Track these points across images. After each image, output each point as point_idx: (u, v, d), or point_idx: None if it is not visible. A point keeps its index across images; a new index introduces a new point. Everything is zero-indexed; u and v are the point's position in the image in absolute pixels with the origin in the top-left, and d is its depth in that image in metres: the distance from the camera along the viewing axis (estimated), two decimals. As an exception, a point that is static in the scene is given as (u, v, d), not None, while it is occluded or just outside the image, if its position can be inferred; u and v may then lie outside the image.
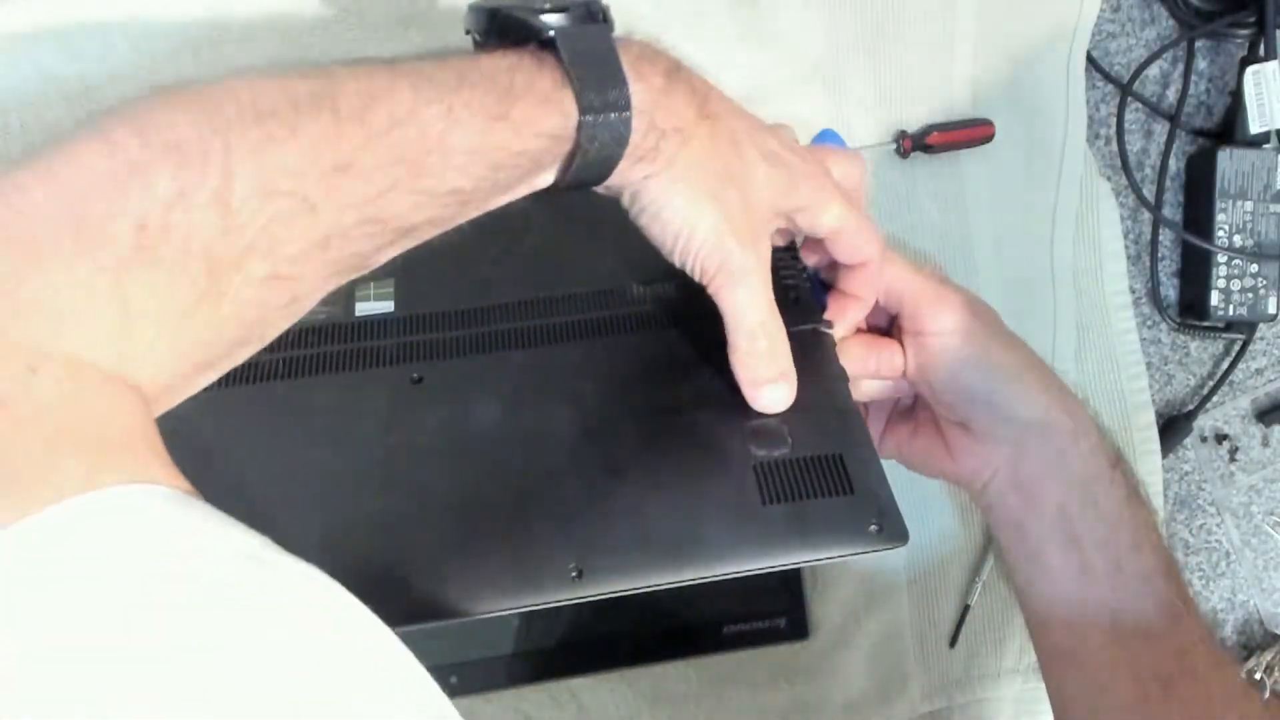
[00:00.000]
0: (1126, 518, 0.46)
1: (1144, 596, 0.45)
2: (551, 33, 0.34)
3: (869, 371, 0.48)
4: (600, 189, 0.38)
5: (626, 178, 0.37)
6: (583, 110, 0.34)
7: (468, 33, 0.38)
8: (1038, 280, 0.64)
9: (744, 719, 0.59)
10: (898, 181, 0.62)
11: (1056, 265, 0.63)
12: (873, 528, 0.37)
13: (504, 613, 0.35)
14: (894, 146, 0.61)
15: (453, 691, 0.51)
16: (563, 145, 0.35)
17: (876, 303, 0.48)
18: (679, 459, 0.39)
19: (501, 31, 0.36)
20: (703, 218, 0.37)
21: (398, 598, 0.35)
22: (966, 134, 0.61)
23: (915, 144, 0.61)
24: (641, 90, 0.35)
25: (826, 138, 0.61)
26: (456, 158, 0.32)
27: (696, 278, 0.39)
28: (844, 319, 0.46)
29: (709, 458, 0.39)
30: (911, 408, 0.52)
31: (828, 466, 0.39)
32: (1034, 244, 0.64)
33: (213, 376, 0.31)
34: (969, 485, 0.50)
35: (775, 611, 0.59)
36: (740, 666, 0.59)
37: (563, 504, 0.37)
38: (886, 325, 0.50)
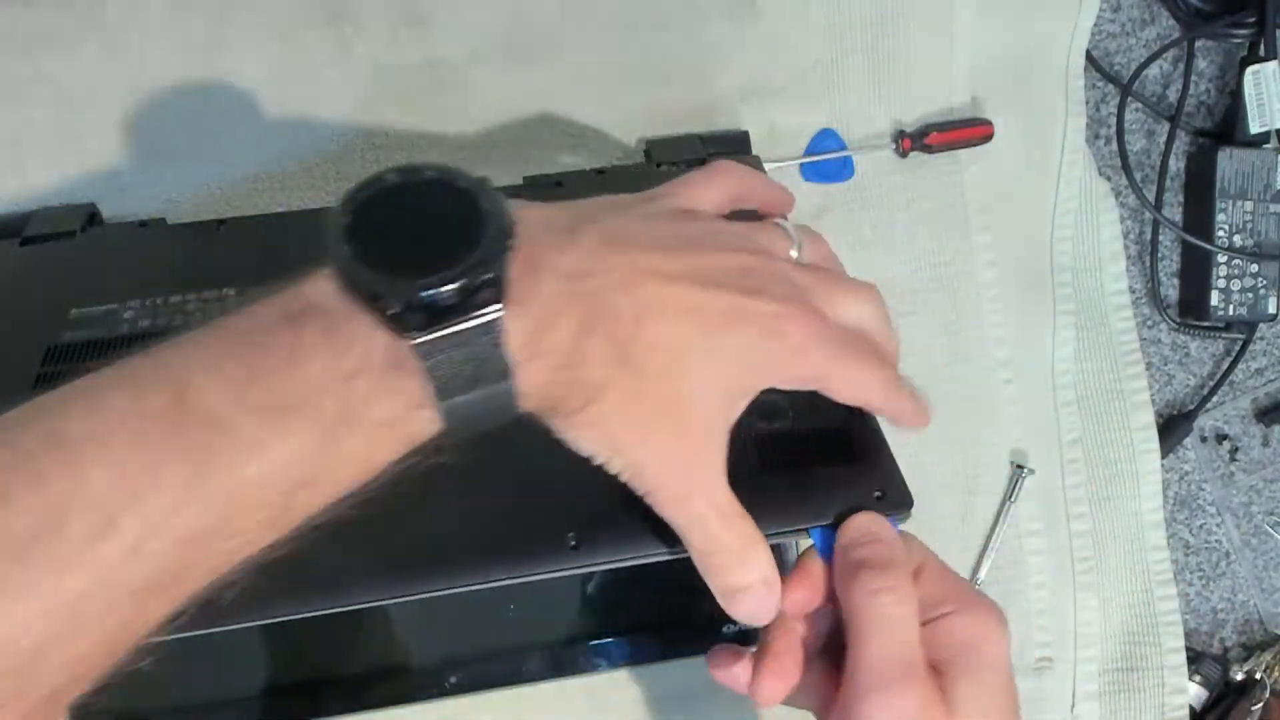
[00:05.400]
0: None
1: None
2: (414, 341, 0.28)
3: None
4: None
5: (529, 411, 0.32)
6: (446, 414, 0.29)
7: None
8: (1038, 280, 0.64)
9: (743, 719, 0.59)
10: (897, 181, 0.62)
11: (1056, 265, 0.63)
12: (876, 495, 0.37)
13: (502, 583, 0.35)
14: (893, 146, 0.61)
15: (451, 691, 0.51)
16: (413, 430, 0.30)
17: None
18: None
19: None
20: (622, 459, 0.33)
21: (397, 572, 0.35)
22: (966, 133, 0.61)
23: (915, 144, 0.61)
24: (537, 369, 0.30)
25: (826, 137, 0.62)
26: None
27: None
28: None
29: None
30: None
31: (829, 436, 0.38)
32: (1034, 244, 0.63)
33: None
34: None
35: (775, 611, 0.59)
36: (740, 666, 0.59)
37: (560, 475, 0.36)
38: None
